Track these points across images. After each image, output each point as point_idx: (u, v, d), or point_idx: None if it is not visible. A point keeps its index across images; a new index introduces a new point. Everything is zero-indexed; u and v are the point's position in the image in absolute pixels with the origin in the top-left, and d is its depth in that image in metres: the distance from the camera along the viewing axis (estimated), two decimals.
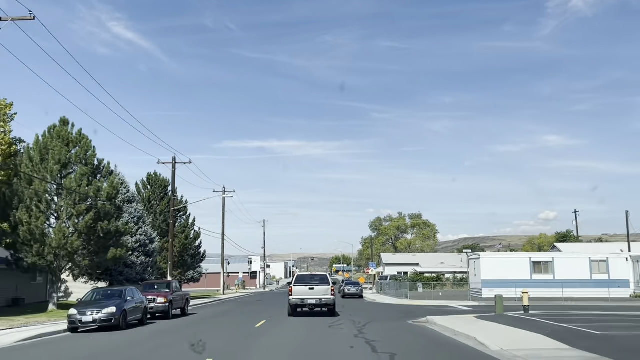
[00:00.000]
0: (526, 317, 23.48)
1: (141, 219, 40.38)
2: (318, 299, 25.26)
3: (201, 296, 59.20)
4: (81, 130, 32.95)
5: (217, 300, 50.26)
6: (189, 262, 50.08)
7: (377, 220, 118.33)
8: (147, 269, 39.81)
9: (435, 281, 69.21)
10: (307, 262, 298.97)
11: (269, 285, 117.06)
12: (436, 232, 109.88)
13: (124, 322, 20.19)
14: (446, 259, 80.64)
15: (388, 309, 33.29)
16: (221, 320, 24.05)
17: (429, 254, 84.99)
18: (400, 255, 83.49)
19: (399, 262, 78.69)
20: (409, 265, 76.98)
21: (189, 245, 49.33)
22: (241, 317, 27.27)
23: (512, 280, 45.57)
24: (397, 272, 76.48)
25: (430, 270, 72.14)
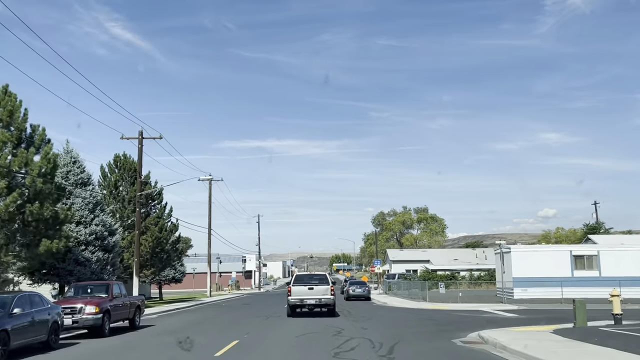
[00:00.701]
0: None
1: (99, 206, 32.61)
2: (317, 299, 24.68)
3: (181, 299, 51.45)
4: (7, 88, 25.20)
5: (198, 304, 42.51)
6: (165, 259, 42.33)
7: (380, 215, 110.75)
8: (105, 267, 32.04)
9: (450, 279, 61.68)
10: (307, 261, 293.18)
11: (265, 286, 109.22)
12: (444, 227, 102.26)
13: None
14: (459, 255, 72.93)
15: (408, 317, 25.56)
16: (175, 338, 16.34)
17: (441, 250, 77.23)
18: (409, 252, 75.77)
19: (407, 259, 71.00)
20: (418, 262, 69.30)
21: (163, 239, 41.59)
22: (209, 332, 19.56)
23: (550, 277, 38.00)
24: (405, 269, 68.82)
25: (443, 268, 64.46)
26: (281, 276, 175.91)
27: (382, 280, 69.79)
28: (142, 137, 35.65)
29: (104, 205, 34.16)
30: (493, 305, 32.65)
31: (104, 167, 41.95)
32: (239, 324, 22.40)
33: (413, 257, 71.09)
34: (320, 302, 24.95)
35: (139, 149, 35.52)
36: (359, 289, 43.45)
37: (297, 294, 25.03)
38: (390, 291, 57.03)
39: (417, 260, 70.01)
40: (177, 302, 46.10)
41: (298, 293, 25.01)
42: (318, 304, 25.02)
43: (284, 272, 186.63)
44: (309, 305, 25.08)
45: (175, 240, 44.15)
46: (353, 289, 43.41)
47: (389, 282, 59.92)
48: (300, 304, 25.05)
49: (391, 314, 27.38)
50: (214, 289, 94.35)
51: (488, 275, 62.22)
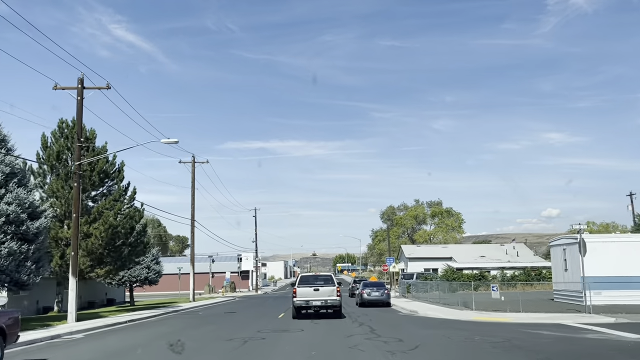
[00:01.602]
0: None
1: (15, 178, 23.09)
2: (323, 301, 24.18)
3: (156, 305, 41.88)
4: None
5: (168, 313, 32.93)
6: (126, 255, 32.71)
7: (389, 209, 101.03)
8: (22, 264, 22.52)
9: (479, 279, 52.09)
10: (310, 262, 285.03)
11: (264, 287, 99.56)
12: (462, 222, 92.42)
13: None
14: (486, 251, 63.15)
15: (472, 339, 15.85)
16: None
17: (464, 246, 67.36)
18: (427, 248, 65.94)
19: (425, 256, 61.31)
20: (438, 260, 59.67)
21: (122, 228, 31.97)
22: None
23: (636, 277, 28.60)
24: (423, 268, 59.20)
25: (469, 266, 54.76)
26: (282, 277, 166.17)
27: (395, 281, 60.21)
28: (82, 87, 26.12)
29: (25, 178, 24.56)
30: (570, 315, 23.05)
31: (45, 135, 32.39)
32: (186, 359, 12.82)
33: (432, 254, 61.47)
34: (326, 304, 24.31)
35: (78, 102, 25.96)
36: (375, 293, 33.84)
37: (302, 295, 24.41)
38: (410, 294, 47.56)
39: (437, 257, 60.39)
40: (146, 309, 36.57)
41: (303, 294, 24.39)
42: (324, 306, 24.38)
43: (286, 273, 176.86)
44: (314, 307, 24.39)
45: (141, 230, 34.50)
46: (368, 293, 33.80)
47: (407, 283, 50.37)
48: (306, 306, 24.38)
49: (438, 333, 17.69)
50: (207, 291, 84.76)
51: (524, 274, 52.54)
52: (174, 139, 26.13)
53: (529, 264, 55.14)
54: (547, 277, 52.01)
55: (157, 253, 45.71)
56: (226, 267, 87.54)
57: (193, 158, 49.26)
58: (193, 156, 49.29)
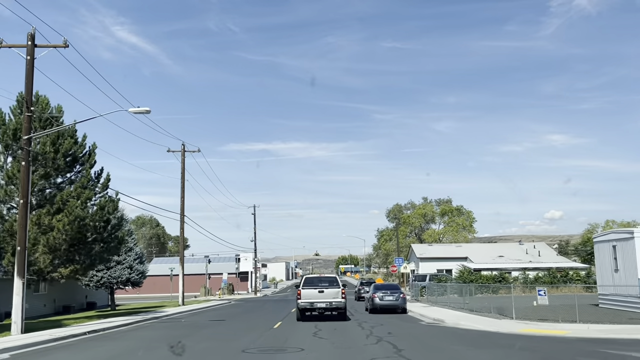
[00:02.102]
0: None
1: None
2: (328, 303, 23.96)
3: (139, 310, 36.96)
4: None
5: (148, 320, 28.00)
6: (97, 252, 27.77)
7: (396, 207, 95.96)
8: None
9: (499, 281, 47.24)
10: (312, 263, 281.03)
11: (264, 289, 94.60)
12: (473, 221, 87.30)
13: None
14: (504, 250, 58.06)
15: None
16: None
17: (480, 245, 62.24)
18: (440, 247, 60.85)
19: (438, 256, 56.29)
20: (452, 260, 54.68)
21: (93, 221, 27.00)
22: None
23: None
24: (435, 269, 54.21)
25: (487, 267, 49.74)
26: (284, 278, 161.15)
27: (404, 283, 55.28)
28: (33, 45, 21.25)
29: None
30: None
31: (2, 111, 27.47)
32: None
33: (445, 254, 56.46)
34: (331, 306, 24.17)
35: (28, 62, 21.11)
36: (389, 297, 28.86)
37: (307, 297, 24.24)
38: (423, 297, 42.76)
39: (451, 257, 55.41)
40: (123, 314, 31.67)
41: (308, 296, 24.23)
42: (329, 308, 24.25)
43: (288, 274, 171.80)
44: (319, 309, 24.30)
45: (116, 224, 29.54)
46: (381, 297, 28.83)
47: (419, 285, 45.47)
48: (311, 308, 24.28)
49: (497, 356, 12.70)
50: (203, 293, 79.83)
51: (548, 275, 47.52)
52: (144, 108, 21.24)
53: (553, 264, 50.16)
54: (575, 279, 47.00)
55: (141, 251, 40.76)
56: (224, 268, 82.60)
57: (183, 147, 44.42)
58: (183, 144, 44.45)
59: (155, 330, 22.18)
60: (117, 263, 38.12)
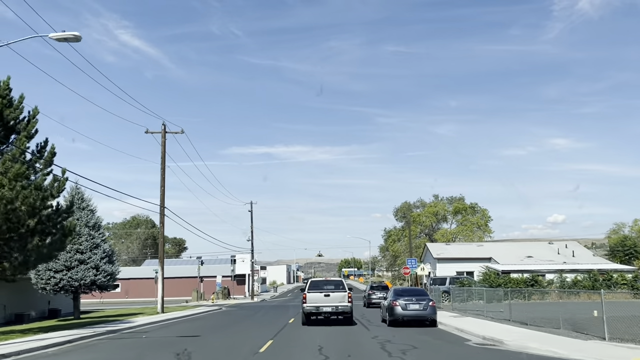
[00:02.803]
0: None
1: None
2: (334, 307, 23.57)
3: (93, 320, 30.12)
4: None
5: (98, 335, 21.44)
6: (34, 245, 21.16)
7: (404, 205, 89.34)
8: None
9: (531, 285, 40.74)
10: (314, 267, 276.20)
11: (262, 293, 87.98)
12: (488, 220, 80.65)
13: None
14: (533, 250, 51.32)
15: None
16: None
17: (505, 244, 55.39)
18: (459, 247, 54.09)
19: (458, 256, 49.64)
20: (474, 261, 48.12)
21: (26, 204, 20.41)
22: None
23: None
24: (455, 271, 47.64)
25: (516, 268, 43.10)
26: (285, 282, 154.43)
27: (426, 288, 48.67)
28: None
29: None
30: None
31: None
32: None
33: (466, 254, 49.82)
34: (337, 310, 23.57)
35: None
36: (415, 305, 22.21)
37: (312, 301, 23.75)
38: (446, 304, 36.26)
39: (472, 257, 48.82)
40: (81, 326, 25.11)
41: (314, 300, 23.75)
42: (335, 312, 23.64)
43: (289, 278, 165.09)
44: (325, 313, 23.73)
45: (63, 210, 22.99)
46: (404, 305, 22.19)
47: (440, 290, 38.92)
48: (316, 312, 23.72)
49: None
50: (195, 298, 73.17)
51: (589, 279, 40.82)
52: (71, 33, 14.76)
53: (592, 265, 43.50)
54: (621, 283, 40.30)
55: (110, 249, 34.24)
56: (218, 271, 75.99)
57: (163, 127, 37.95)
58: (163, 124, 38.00)
59: (92, 354, 15.66)
60: (79, 262, 31.60)
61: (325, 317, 24.01)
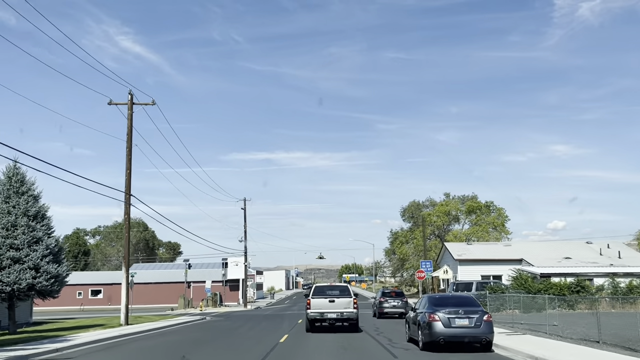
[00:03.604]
0: None
1: None
2: (339, 313, 22.98)
3: (18, 338, 22.96)
4: None
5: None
6: None
7: (413, 205, 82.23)
8: None
9: (576, 291, 33.63)
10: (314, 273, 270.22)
11: (258, 300, 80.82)
12: (505, 220, 73.56)
13: None
14: (571, 250, 44.07)
15: None
16: None
17: (537, 244, 48.11)
18: (483, 247, 46.79)
19: (482, 258, 42.53)
20: (502, 263, 41.09)
21: None
22: None
23: None
24: (480, 275, 40.56)
25: (556, 271, 35.98)
26: (284, 288, 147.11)
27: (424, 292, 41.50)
28: None
29: None
30: None
31: None
32: None
33: (492, 254, 42.73)
34: (342, 316, 22.94)
35: None
36: (463, 320, 15.17)
37: (316, 307, 23.02)
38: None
39: (500, 259, 41.74)
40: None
41: (318, 306, 23.01)
42: (340, 318, 23.00)
43: (288, 283, 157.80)
44: (329, 320, 23.05)
45: None
46: (448, 320, 15.11)
47: None
48: (321, 318, 23.10)
49: None
50: (181, 305, 66.00)
51: None
52: None
53: None
54: None
55: (59, 245, 27.16)
56: (208, 275, 68.85)
57: (130, 97, 30.96)
58: (130, 93, 31.02)
59: None
60: (13, 261, 24.55)
61: (330, 324, 23.40)
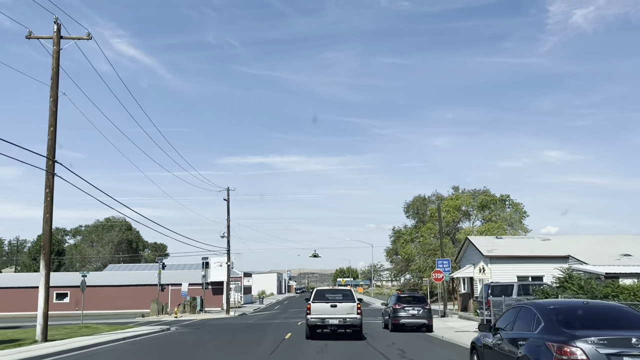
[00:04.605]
0: None
1: None
2: (342, 319, 21.51)
3: None
4: None
5: None
6: None
7: (418, 200, 74.05)
8: None
9: None
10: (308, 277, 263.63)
11: (245, 305, 72.18)
12: (523, 215, 65.45)
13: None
14: (626, 246, 35.70)
15: None
16: None
17: (583, 237, 39.35)
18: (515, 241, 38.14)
19: (517, 254, 34.09)
20: (544, 260, 32.83)
21: None
22: None
23: None
24: (516, 275, 32.16)
25: (625, 271, 27.60)
26: (275, 291, 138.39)
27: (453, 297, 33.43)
28: None
29: None
30: None
31: None
32: None
33: (528, 250, 34.35)
34: (345, 323, 21.50)
35: None
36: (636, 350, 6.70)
37: (317, 312, 21.69)
38: None
39: (541, 256, 33.48)
40: None
41: (319, 311, 21.69)
42: (342, 325, 21.63)
43: (280, 287, 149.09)
44: (331, 326, 21.80)
45: None
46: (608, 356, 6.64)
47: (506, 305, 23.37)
48: (322, 324, 21.76)
49: None
50: (154, 311, 57.36)
51: None
52: None
53: None
54: None
55: None
56: (185, 277, 60.21)
57: (57, 27, 22.49)
58: (56, 21, 22.56)
59: None
60: None
61: (331, 331, 22.29)
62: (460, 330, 26.53)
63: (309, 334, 22.04)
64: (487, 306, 27.83)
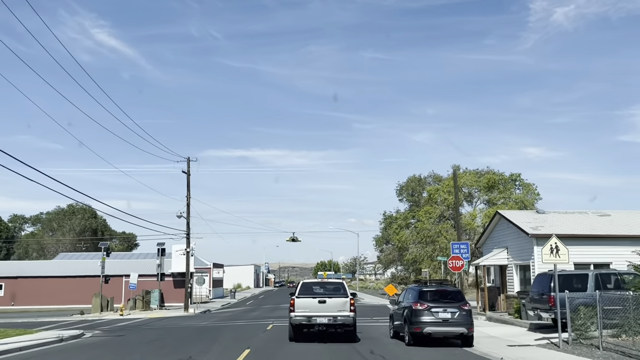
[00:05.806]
0: None
1: None
2: (332, 317, 18.56)
3: None
4: None
5: None
6: None
7: (413, 180, 64.83)
8: None
9: None
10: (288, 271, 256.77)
11: (215, 300, 62.27)
12: (537, 197, 56.58)
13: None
14: None
15: None
16: None
17: None
18: (568, 218, 28.42)
19: (577, 234, 24.80)
20: (610, 241, 23.66)
21: None
22: None
23: None
24: (572, 262, 22.78)
25: None
26: (252, 285, 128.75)
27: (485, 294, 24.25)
28: None
29: None
30: None
31: None
32: None
33: (590, 229, 25.09)
34: (336, 321, 18.56)
35: None
36: None
37: (303, 308, 18.73)
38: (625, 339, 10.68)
39: (605, 235, 24.40)
40: None
41: (305, 307, 18.73)
42: (332, 324, 18.61)
43: (257, 281, 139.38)
44: (319, 325, 18.76)
45: None
46: None
47: (581, 304, 13.83)
48: (308, 323, 18.77)
49: None
50: (96, 308, 46.95)
51: None
52: None
53: None
54: None
55: None
56: (136, 267, 50.12)
57: None
58: None
59: None
60: None
61: (319, 331, 19.21)
62: (513, 343, 17.22)
63: (293, 335, 19.31)
64: (550, 306, 18.63)
